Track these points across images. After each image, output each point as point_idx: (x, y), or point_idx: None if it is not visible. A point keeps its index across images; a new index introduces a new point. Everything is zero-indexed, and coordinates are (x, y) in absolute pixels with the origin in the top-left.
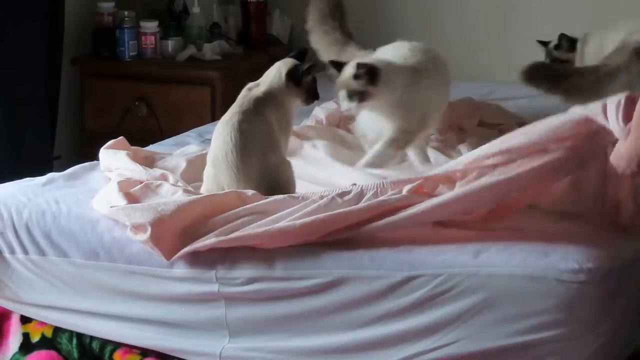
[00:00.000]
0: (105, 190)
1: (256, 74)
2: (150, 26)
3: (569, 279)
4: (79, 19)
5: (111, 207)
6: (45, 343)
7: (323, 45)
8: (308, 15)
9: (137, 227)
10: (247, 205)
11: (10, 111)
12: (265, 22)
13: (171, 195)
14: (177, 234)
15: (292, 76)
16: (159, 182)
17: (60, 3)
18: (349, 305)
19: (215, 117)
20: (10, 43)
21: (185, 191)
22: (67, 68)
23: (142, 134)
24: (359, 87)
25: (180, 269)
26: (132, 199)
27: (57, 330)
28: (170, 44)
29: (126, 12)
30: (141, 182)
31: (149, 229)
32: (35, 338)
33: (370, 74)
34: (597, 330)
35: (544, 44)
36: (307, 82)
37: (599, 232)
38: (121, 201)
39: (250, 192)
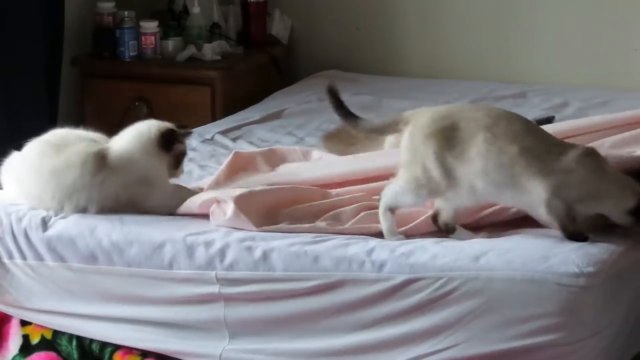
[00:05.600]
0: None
1: (256, 74)
2: (150, 26)
3: (570, 282)
4: (79, 19)
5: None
6: (45, 344)
7: None
8: None
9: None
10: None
11: (10, 111)
12: (265, 22)
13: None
14: (260, 213)
15: None
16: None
17: (60, 3)
18: (349, 307)
19: (215, 117)
20: (10, 43)
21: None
22: (67, 68)
23: None
24: None
25: (181, 270)
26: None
27: (57, 331)
28: (170, 44)
29: (126, 12)
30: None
31: (232, 204)
32: (35, 340)
33: None
34: (597, 335)
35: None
36: None
37: (600, 236)
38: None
39: (334, 191)
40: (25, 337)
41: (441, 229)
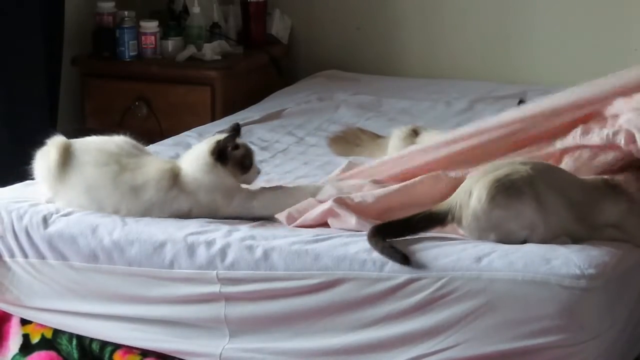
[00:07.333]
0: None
1: (256, 74)
2: (150, 26)
3: (571, 284)
4: (79, 19)
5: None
6: (45, 344)
7: None
8: None
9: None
10: None
11: (10, 111)
12: (265, 22)
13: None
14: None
15: None
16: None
17: (60, 3)
18: (350, 306)
19: (215, 117)
20: (10, 43)
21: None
22: (67, 68)
23: (142, 134)
24: None
25: (181, 270)
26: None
27: (57, 331)
28: (170, 44)
29: (126, 12)
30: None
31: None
32: (35, 339)
33: None
34: (598, 337)
35: None
36: None
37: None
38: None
39: (452, 173)
40: (26, 337)
41: None
